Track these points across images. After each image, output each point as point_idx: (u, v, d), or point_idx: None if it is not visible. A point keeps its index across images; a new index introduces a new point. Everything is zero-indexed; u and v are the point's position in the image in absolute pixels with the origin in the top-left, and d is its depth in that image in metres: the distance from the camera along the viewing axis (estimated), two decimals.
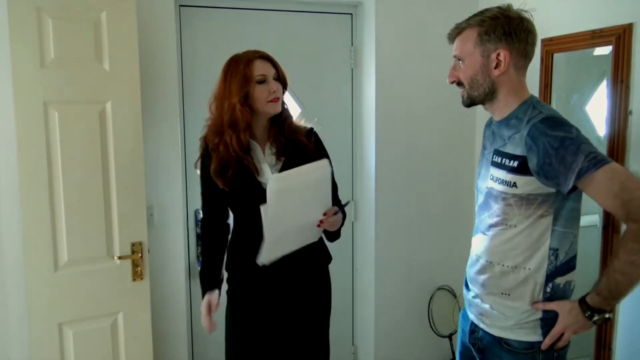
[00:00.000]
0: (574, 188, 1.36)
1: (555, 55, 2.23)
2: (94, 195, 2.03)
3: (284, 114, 1.89)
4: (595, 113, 2.16)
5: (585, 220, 1.57)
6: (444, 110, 2.79)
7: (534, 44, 1.49)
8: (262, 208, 1.62)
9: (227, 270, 1.94)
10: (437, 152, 2.82)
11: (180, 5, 2.48)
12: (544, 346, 1.49)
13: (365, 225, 2.88)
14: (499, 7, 1.47)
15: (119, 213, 2.06)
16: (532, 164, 1.39)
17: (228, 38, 2.58)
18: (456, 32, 1.52)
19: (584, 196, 1.44)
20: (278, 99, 1.82)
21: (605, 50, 2.02)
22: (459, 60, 1.52)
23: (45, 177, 1.95)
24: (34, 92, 1.91)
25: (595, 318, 1.42)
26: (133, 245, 2.09)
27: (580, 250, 1.52)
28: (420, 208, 2.83)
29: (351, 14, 2.80)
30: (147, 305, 2.15)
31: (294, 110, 2.61)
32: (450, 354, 2.86)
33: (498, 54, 1.44)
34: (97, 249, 2.05)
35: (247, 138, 1.78)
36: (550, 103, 2.26)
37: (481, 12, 1.49)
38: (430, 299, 2.87)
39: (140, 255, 2.10)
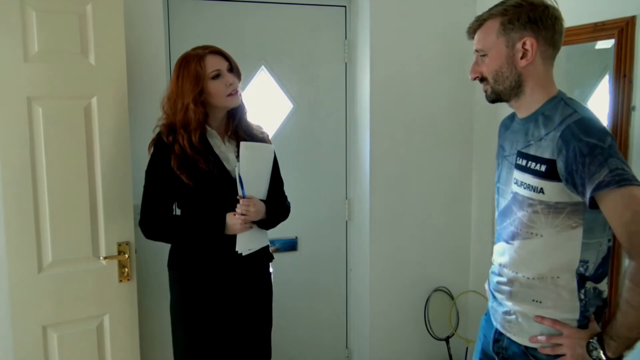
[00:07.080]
0: (594, 203, 1.27)
1: None
2: (79, 194, 1.99)
3: (242, 108, 1.93)
4: (597, 109, 2.12)
5: None
6: (440, 107, 2.75)
7: (561, 32, 1.42)
8: (236, 168, 1.82)
9: (182, 265, 1.93)
10: (434, 149, 2.78)
11: None
12: (537, 341, 1.43)
13: (359, 224, 2.83)
14: None
15: (105, 212, 2.03)
16: (560, 168, 1.31)
17: (218, 31, 2.53)
18: (477, 25, 1.45)
19: None
20: (237, 92, 1.85)
21: (607, 43, 1.98)
22: (481, 54, 1.45)
23: (29, 175, 1.91)
24: (17, 87, 1.87)
25: (594, 353, 1.31)
26: (119, 245, 2.06)
27: None
28: (416, 206, 2.79)
29: (345, 6, 2.75)
30: (134, 307, 2.12)
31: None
32: (447, 358, 2.80)
33: (524, 43, 1.38)
34: (83, 249, 2.01)
35: (197, 139, 1.79)
36: None
37: (502, 2, 1.42)
38: (427, 300, 2.82)
39: (126, 255, 2.06)
